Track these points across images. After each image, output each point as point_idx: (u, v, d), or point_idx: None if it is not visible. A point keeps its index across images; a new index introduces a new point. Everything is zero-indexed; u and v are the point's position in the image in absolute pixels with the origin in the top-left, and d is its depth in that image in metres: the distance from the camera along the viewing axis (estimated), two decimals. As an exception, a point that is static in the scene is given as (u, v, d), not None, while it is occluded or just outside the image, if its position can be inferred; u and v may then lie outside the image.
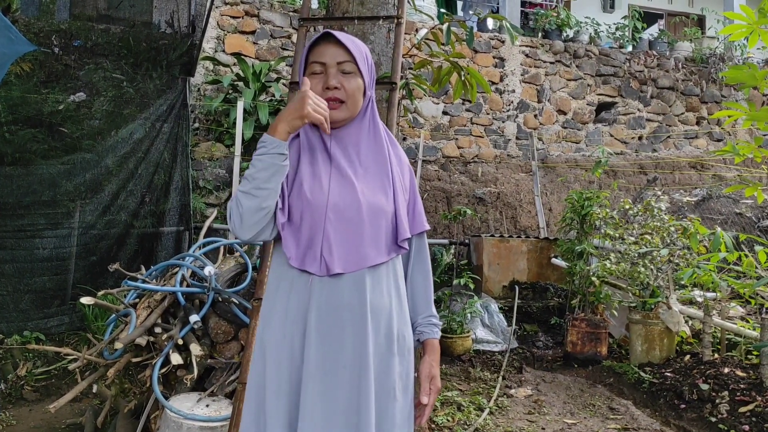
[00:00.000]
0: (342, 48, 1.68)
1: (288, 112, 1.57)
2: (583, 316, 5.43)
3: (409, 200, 1.82)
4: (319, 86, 1.67)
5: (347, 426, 1.59)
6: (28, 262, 5.20)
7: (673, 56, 10.80)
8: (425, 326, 1.82)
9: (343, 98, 1.68)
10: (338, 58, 1.68)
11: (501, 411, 4.18)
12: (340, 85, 1.67)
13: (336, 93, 1.67)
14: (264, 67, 7.77)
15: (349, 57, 1.68)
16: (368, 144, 1.75)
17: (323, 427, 1.58)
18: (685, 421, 4.01)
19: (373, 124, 1.77)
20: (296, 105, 1.56)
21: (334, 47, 1.68)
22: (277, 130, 1.56)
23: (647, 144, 10.35)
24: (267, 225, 1.61)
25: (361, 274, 1.64)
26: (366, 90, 1.73)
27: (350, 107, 1.70)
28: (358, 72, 1.70)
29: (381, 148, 1.75)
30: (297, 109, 1.55)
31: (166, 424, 2.70)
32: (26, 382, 4.56)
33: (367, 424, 1.58)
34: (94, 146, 5.63)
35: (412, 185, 1.85)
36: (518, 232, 8.32)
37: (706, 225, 6.28)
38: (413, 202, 1.83)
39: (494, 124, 9.54)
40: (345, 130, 1.74)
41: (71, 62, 6.33)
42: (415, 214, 1.82)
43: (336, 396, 1.60)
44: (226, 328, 3.11)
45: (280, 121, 1.57)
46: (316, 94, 1.63)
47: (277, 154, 1.56)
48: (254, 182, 1.57)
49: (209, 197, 7.01)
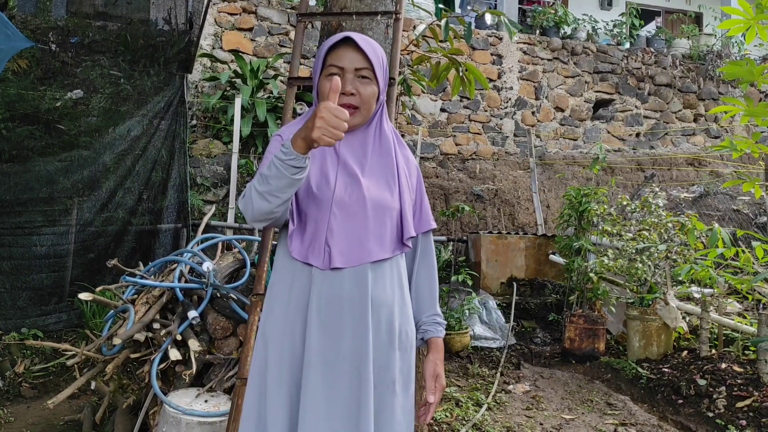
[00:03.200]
0: (361, 54, 1.67)
1: (303, 129, 1.46)
2: (580, 312, 5.44)
3: (416, 199, 1.84)
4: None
5: (348, 416, 1.60)
6: (25, 260, 5.19)
7: (670, 53, 10.82)
8: (430, 325, 1.83)
9: (358, 105, 1.68)
10: (357, 64, 1.67)
11: (499, 407, 4.19)
12: (356, 91, 1.66)
13: (351, 99, 1.66)
14: (262, 64, 7.76)
15: (368, 64, 1.67)
16: (376, 144, 1.76)
17: (325, 416, 1.59)
18: (683, 417, 4.02)
19: (381, 126, 1.78)
20: (309, 124, 1.44)
21: (354, 52, 1.67)
22: (296, 143, 1.47)
23: (645, 141, 10.37)
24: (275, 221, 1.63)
25: (363, 268, 1.65)
26: (379, 95, 1.73)
27: (364, 113, 1.70)
28: (374, 78, 1.69)
29: (388, 149, 1.77)
30: (308, 128, 1.43)
31: (165, 419, 2.70)
32: (24, 379, 4.55)
33: (367, 415, 1.59)
34: (92, 143, 5.62)
35: (419, 185, 1.87)
36: (516, 229, 8.33)
37: (704, 221, 6.28)
38: (420, 201, 1.85)
39: (492, 121, 9.55)
40: (354, 135, 1.74)
41: (68, 59, 6.31)
42: (422, 213, 1.84)
43: (336, 386, 1.61)
44: (224, 324, 3.10)
45: (298, 135, 1.47)
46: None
47: (292, 166, 1.47)
48: (268, 187, 1.50)
49: (207, 194, 7.00)
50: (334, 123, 1.41)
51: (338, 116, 1.42)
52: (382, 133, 1.78)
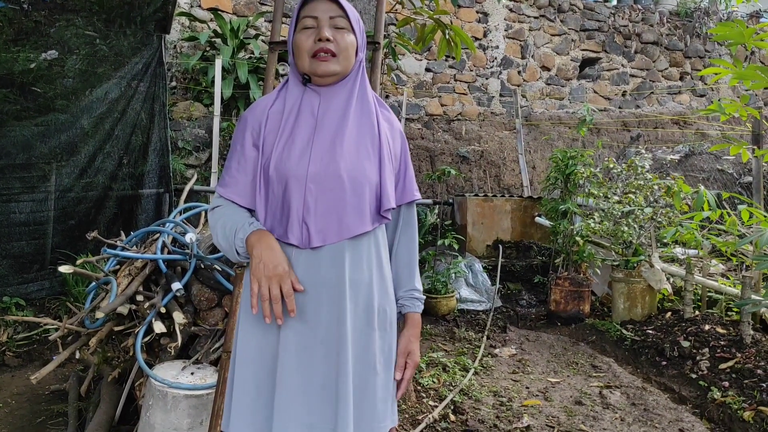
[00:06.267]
0: (335, 3, 1.65)
1: (256, 256, 1.55)
2: (566, 275, 5.47)
3: (400, 168, 1.76)
4: (311, 39, 1.64)
5: (325, 400, 1.57)
6: (4, 227, 5.10)
7: (657, 10, 10.68)
8: (407, 299, 1.79)
9: (336, 51, 1.64)
10: (331, 12, 1.65)
11: (486, 371, 4.22)
12: (333, 38, 1.63)
13: (328, 45, 1.63)
14: (242, 23, 7.55)
15: (342, 12, 1.65)
16: (357, 109, 1.69)
17: (301, 400, 1.56)
18: (666, 378, 4.08)
19: (362, 89, 1.71)
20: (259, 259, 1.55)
21: (327, 2, 1.65)
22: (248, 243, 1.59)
23: (631, 100, 10.31)
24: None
25: (340, 247, 1.59)
26: (358, 50, 1.69)
27: (342, 61, 1.65)
28: (350, 29, 1.67)
29: (369, 114, 1.69)
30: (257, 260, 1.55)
31: (151, 393, 2.67)
32: (7, 348, 4.51)
33: (345, 398, 1.56)
34: (69, 107, 5.46)
35: (404, 152, 1.79)
36: (502, 190, 8.31)
37: (689, 182, 6.30)
38: (404, 170, 1.77)
39: (478, 81, 9.42)
40: (334, 90, 1.68)
41: (41, 19, 6.09)
42: (405, 183, 1.76)
43: (313, 371, 1.57)
44: (209, 295, 3.06)
45: (253, 244, 1.57)
46: (308, 47, 1.63)
47: (240, 254, 1.61)
48: (224, 243, 1.64)
49: (189, 158, 6.88)
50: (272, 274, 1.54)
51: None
52: (364, 97, 1.71)
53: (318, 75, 1.64)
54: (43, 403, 3.66)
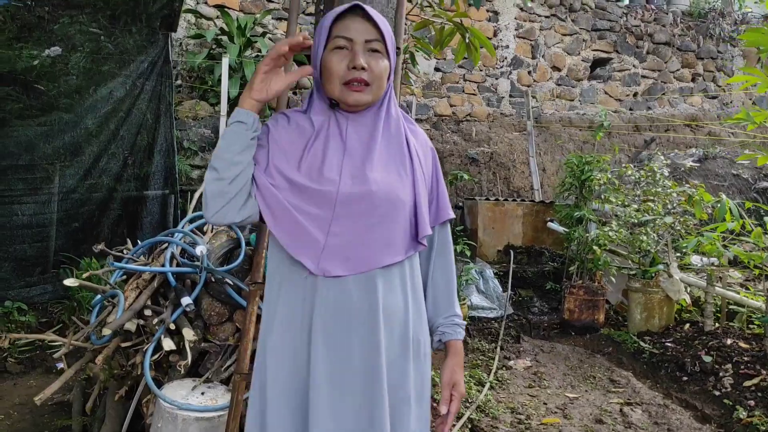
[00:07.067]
0: (371, 24, 1.49)
1: (247, 90, 1.49)
2: (581, 283, 5.34)
3: (432, 186, 1.64)
4: (344, 63, 1.48)
5: None
6: (7, 229, 4.99)
7: (670, 10, 10.51)
8: (448, 326, 1.67)
9: (370, 81, 1.49)
10: (367, 35, 1.49)
11: (501, 385, 4.10)
12: (368, 65, 1.48)
13: (363, 74, 1.48)
14: (249, 20, 7.41)
15: (379, 36, 1.50)
16: (385, 129, 1.57)
17: None
18: (688, 395, 3.95)
19: (389, 109, 1.59)
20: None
21: (363, 22, 1.49)
22: (245, 103, 1.49)
23: (642, 101, 10.16)
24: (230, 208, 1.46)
25: (372, 274, 1.47)
26: (390, 73, 1.55)
27: (375, 90, 1.51)
28: (385, 53, 1.51)
29: (398, 135, 1.58)
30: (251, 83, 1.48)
31: (160, 414, 2.55)
32: (9, 354, 4.41)
33: None
34: (73, 106, 5.34)
35: (435, 169, 1.67)
36: (511, 193, 8.17)
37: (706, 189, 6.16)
38: (437, 187, 1.65)
39: (487, 81, 9.27)
40: (363, 116, 1.56)
41: (45, 14, 5.97)
42: (439, 201, 1.65)
43: (346, 406, 1.46)
44: (219, 310, 2.94)
45: (245, 96, 1.49)
46: (340, 73, 1.48)
47: (238, 121, 1.46)
48: (221, 161, 1.45)
49: (194, 159, 6.74)
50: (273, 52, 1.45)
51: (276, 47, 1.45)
52: (391, 116, 1.59)
53: (348, 104, 1.51)
54: (45, 415, 3.55)
